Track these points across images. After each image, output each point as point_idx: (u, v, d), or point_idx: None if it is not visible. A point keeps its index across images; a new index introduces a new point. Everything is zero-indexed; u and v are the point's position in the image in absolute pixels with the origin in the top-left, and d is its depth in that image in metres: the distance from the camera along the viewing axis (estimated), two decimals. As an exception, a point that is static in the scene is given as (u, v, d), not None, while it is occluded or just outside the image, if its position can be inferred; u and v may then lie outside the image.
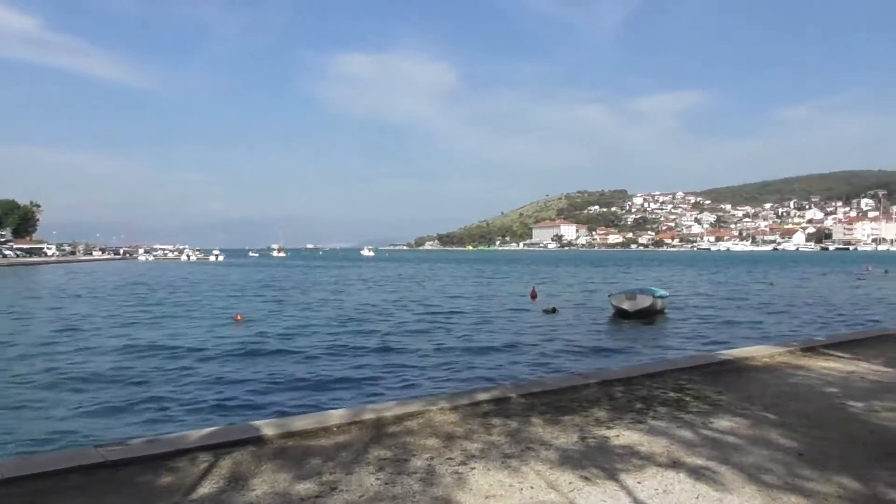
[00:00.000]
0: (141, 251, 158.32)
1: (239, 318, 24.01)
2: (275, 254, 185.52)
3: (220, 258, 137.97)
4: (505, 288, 44.57)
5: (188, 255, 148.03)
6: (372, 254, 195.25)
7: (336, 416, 5.96)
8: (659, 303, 25.04)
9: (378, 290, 42.34)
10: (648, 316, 24.02)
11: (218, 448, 5.01)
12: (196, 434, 5.40)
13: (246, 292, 40.96)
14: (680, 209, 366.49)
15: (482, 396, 6.67)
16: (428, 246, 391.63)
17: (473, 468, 4.63)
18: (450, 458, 4.83)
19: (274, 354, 16.41)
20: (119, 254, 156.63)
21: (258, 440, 5.21)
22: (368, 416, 5.89)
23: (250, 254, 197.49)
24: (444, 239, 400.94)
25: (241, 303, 32.52)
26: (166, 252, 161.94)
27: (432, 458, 4.83)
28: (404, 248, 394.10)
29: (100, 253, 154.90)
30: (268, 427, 5.51)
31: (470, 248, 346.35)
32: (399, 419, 5.88)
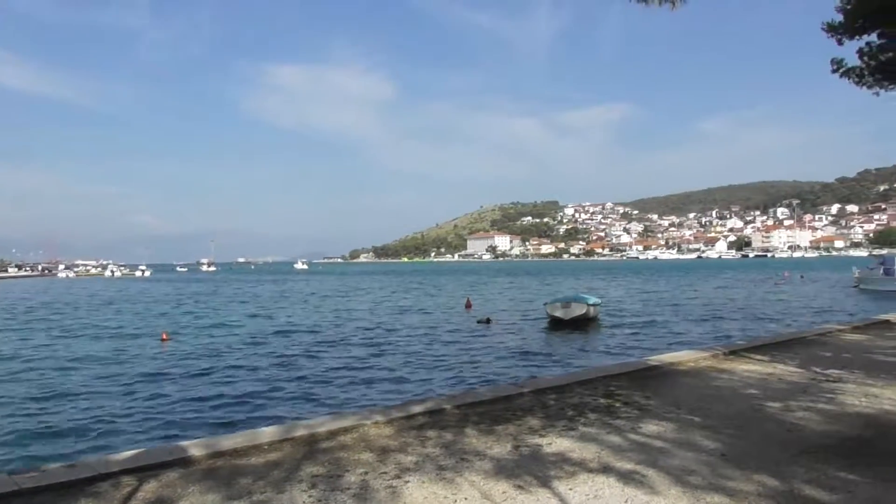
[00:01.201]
0: (61, 267, 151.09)
1: (165, 337, 23.16)
2: (204, 268, 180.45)
3: (147, 273, 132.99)
4: (439, 299, 44.66)
5: (112, 271, 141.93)
6: (306, 267, 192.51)
7: (267, 433, 5.84)
8: (592, 310, 25.55)
9: (310, 304, 41.72)
10: (582, 324, 24.48)
11: (143, 471, 4.83)
12: (119, 457, 5.19)
13: (172, 309, 39.62)
14: (609, 219, 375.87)
15: (417, 409, 6.66)
16: (363, 258, 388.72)
17: (408, 481, 4.61)
18: (384, 473, 4.80)
19: (202, 373, 15.89)
20: (38, 271, 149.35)
21: (185, 461, 5.04)
22: (301, 432, 5.79)
23: (178, 269, 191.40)
24: (379, 251, 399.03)
25: (167, 321, 31.38)
26: (88, 268, 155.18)
27: (366, 473, 4.79)
28: (339, 260, 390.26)
29: (16, 270, 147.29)
30: (195, 447, 5.34)
31: (405, 259, 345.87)
32: (333, 434, 5.80)
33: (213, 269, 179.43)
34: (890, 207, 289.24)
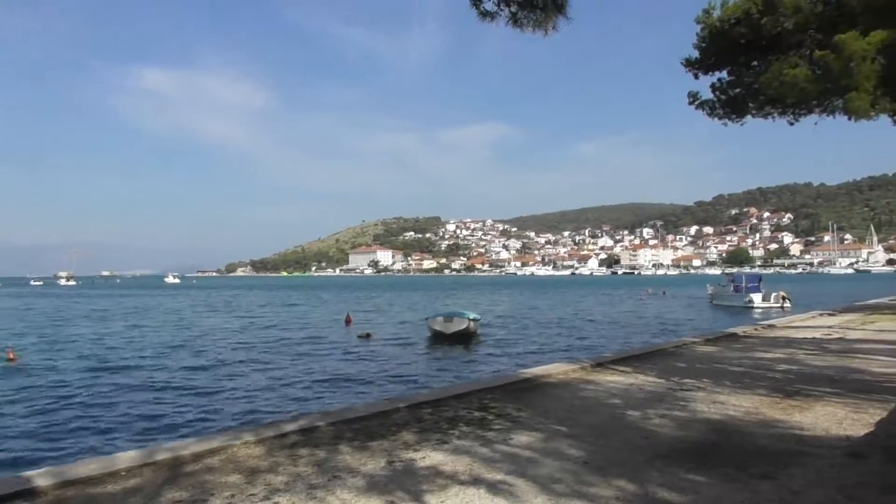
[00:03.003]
0: None
1: (11, 356, 20.98)
2: (63, 282, 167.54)
3: None
4: (319, 314, 43.93)
5: None
6: (177, 281, 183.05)
7: (125, 458, 5.49)
8: (472, 325, 26.06)
9: (179, 320, 39.75)
10: (463, 338, 24.91)
11: (-19, 504, 4.42)
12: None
13: (23, 326, 36.44)
14: (490, 236, 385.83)
15: (289, 427, 6.52)
16: (240, 272, 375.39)
17: (277, 502, 4.51)
18: (252, 495, 4.66)
19: (54, 396, 14.73)
20: None
21: (30, 493, 4.64)
22: (163, 455, 5.50)
23: (32, 282, 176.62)
24: (258, 265, 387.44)
25: (15, 338, 28.63)
26: None
27: (233, 496, 4.63)
28: (214, 274, 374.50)
29: None
30: (42, 477, 4.92)
31: (285, 273, 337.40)
32: (198, 457, 5.56)
33: (72, 282, 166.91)
34: (740, 230, 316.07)
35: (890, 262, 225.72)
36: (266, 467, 5.29)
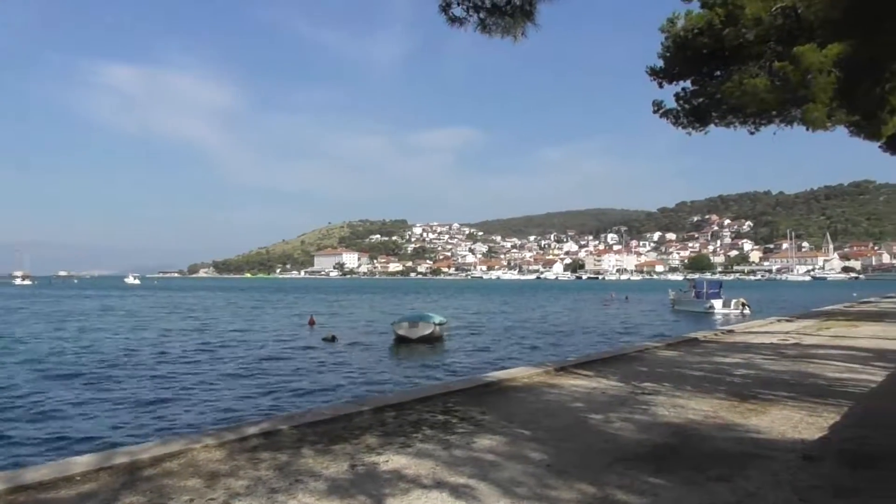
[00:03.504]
0: None
1: None
2: (18, 282, 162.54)
3: None
4: (282, 316, 43.48)
5: None
6: (137, 282, 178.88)
7: (81, 462, 5.35)
8: (438, 329, 26.04)
9: (137, 321, 38.94)
10: (429, 342, 24.86)
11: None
12: None
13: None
14: (456, 239, 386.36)
15: (251, 430, 6.43)
16: (203, 273, 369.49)
17: (237, 506, 4.45)
18: (212, 499, 4.58)
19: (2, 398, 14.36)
20: None
21: (-19, 497, 4.52)
22: (121, 459, 5.37)
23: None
24: (221, 266, 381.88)
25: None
26: None
27: (191, 500, 4.55)
28: (176, 275, 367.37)
29: None
30: (-7, 481, 4.79)
31: (248, 275, 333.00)
32: (157, 461, 5.45)
33: (28, 282, 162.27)
34: (701, 236, 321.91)
35: (845, 269, 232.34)
36: (226, 471, 5.21)
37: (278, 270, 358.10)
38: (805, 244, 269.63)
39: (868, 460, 5.49)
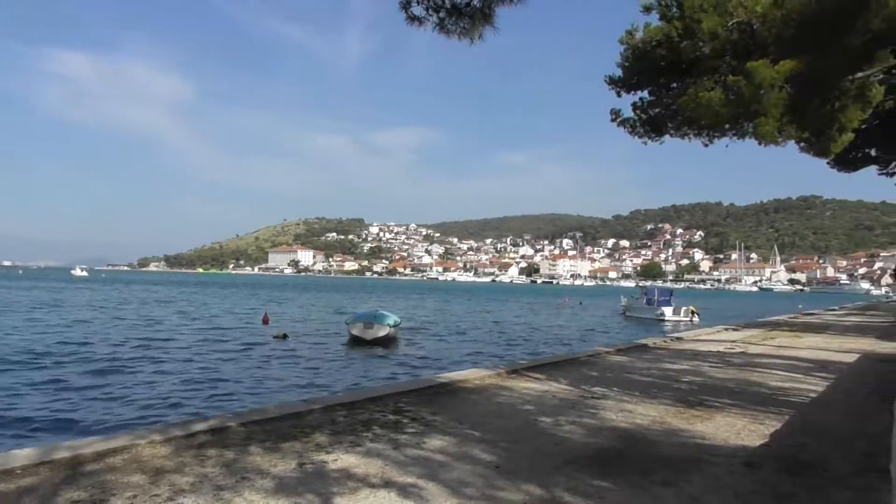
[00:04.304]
0: None
1: None
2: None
3: None
4: (234, 313, 42.73)
5: None
6: (85, 274, 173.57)
7: (21, 456, 5.18)
8: (393, 330, 25.90)
9: (85, 315, 37.83)
10: (383, 342, 24.71)
11: None
12: None
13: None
14: (413, 240, 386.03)
15: (199, 427, 6.30)
16: (153, 267, 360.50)
17: (181, 503, 4.34)
18: (155, 496, 4.47)
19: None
20: None
21: None
22: (62, 454, 5.21)
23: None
24: (172, 260, 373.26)
25: None
26: None
27: (135, 497, 4.43)
28: (126, 268, 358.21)
29: None
30: (-79, 475, 4.58)
31: (200, 270, 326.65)
32: (100, 456, 5.30)
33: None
34: (654, 245, 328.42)
35: (791, 281, 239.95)
36: (172, 467, 5.09)
37: (231, 266, 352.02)
38: (753, 255, 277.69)
39: (806, 467, 5.65)
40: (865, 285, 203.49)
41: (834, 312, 44.05)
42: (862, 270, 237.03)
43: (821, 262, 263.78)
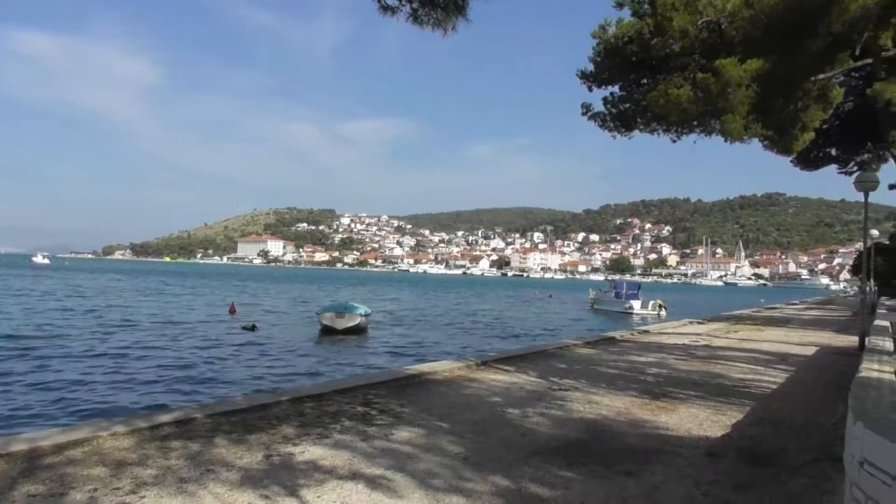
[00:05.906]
0: None
1: None
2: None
3: None
4: (201, 303, 42.21)
5: None
6: (47, 262, 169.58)
7: (-24, 449, 5.08)
8: (363, 321, 25.89)
9: (46, 304, 37.02)
10: (354, 333, 24.69)
11: None
12: None
13: None
14: (384, 232, 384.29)
15: (164, 418, 6.23)
16: (119, 255, 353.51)
17: (143, 497, 4.30)
18: (117, 489, 4.42)
19: None
20: None
21: None
22: (19, 447, 5.12)
23: None
24: (138, 249, 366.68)
25: None
26: None
27: (96, 490, 4.38)
28: (89, 256, 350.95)
29: None
30: None
31: (168, 259, 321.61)
32: (60, 448, 5.22)
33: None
34: (623, 239, 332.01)
35: (755, 276, 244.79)
36: (134, 460, 5.04)
37: (199, 255, 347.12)
38: (719, 251, 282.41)
39: (765, 457, 5.80)
40: (825, 280, 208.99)
41: (795, 306, 45.08)
42: (822, 266, 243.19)
43: (783, 257, 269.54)
